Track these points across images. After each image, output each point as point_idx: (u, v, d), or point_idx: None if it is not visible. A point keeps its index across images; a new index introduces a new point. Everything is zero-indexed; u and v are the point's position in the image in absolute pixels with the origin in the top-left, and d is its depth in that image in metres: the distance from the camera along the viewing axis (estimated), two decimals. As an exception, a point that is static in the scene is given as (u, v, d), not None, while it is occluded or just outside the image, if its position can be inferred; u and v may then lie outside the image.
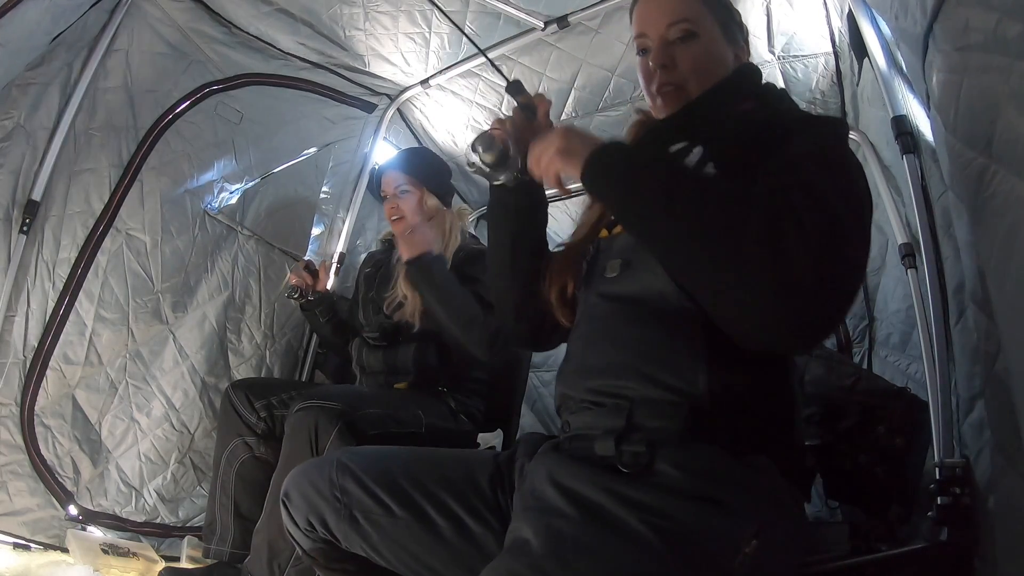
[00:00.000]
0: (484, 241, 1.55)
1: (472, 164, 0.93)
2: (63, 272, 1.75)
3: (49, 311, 1.73)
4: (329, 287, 2.16)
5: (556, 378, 0.92)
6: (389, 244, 1.94)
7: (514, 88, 0.95)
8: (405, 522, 0.88)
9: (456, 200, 2.16)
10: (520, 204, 0.97)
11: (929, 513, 1.06)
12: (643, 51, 0.94)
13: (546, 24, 1.97)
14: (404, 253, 1.58)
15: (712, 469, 0.71)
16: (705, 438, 0.73)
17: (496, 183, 0.95)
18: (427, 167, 1.88)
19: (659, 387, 0.76)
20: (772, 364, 0.79)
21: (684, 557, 0.64)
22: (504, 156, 0.89)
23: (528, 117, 0.92)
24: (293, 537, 0.98)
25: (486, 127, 0.94)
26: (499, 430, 1.88)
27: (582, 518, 0.68)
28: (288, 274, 1.97)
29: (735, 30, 0.96)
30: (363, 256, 2.26)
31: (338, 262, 2.40)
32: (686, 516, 0.67)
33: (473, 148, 0.90)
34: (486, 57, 1.29)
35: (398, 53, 2.22)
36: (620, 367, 0.80)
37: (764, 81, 0.96)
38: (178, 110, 1.97)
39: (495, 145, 0.88)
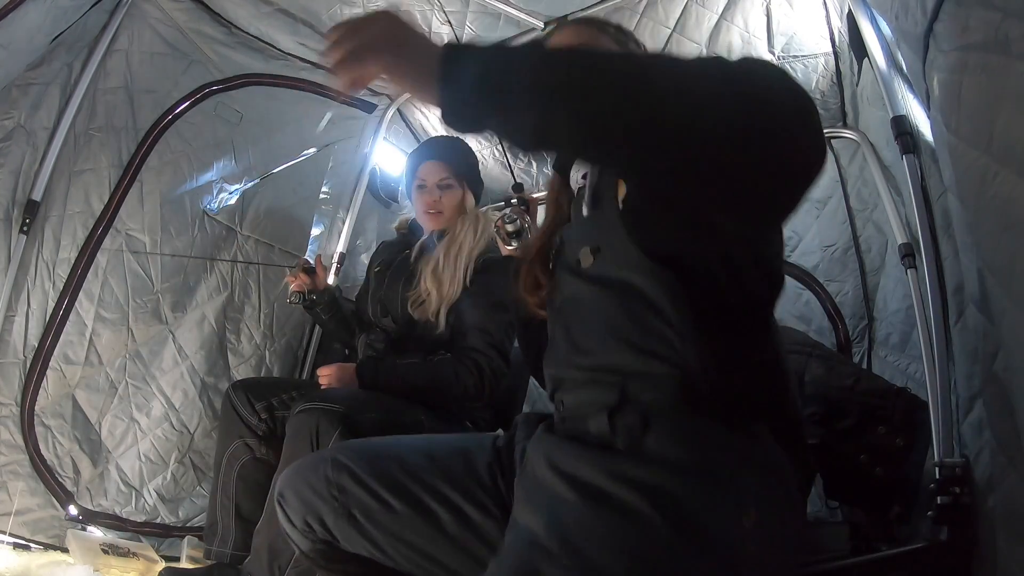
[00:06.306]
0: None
1: (496, 226, 1.24)
2: (63, 272, 1.75)
3: (49, 311, 1.73)
4: (330, 283, 2.15)
5: (545, 363, 0.92)
6: (404, 236, 1.90)
7: (517, 187, 1.33)
8: (406, 517, 0.88)
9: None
10: None
11: (929, 513, 1.05)
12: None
13: (546, 24, 1.97)
14: (337, 384, 1.59)
15: (707, 440, 0.70)
16: (699, 409, 0.72)
17: (508, 248, 1.23)
18: (471, 163, 1.81)
19: (651, 358, 0.75)
20: (758, 330, 0.79)
21: (688, 534, 0.63)
22: (519, 231, 1.21)
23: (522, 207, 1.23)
24: (291, 538, 0.97)
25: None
26: (500, 431, 1.88)
27: (584, 503, 0.67)
28: (286, 279, 1.91)
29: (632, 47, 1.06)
30: (370, 252, 2.21)
31: (338, 262, 2.40)
32: (685, 492, 0.66)
33: (502, 216, 1.22)
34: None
35: (398, 53, 2.22)
36: (612, 342, 0.79)
37: None
38: (178, 110, 1.97)
39: (518, 223, 1.21)
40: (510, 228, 1.21)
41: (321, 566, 0.98)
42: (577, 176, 1.02)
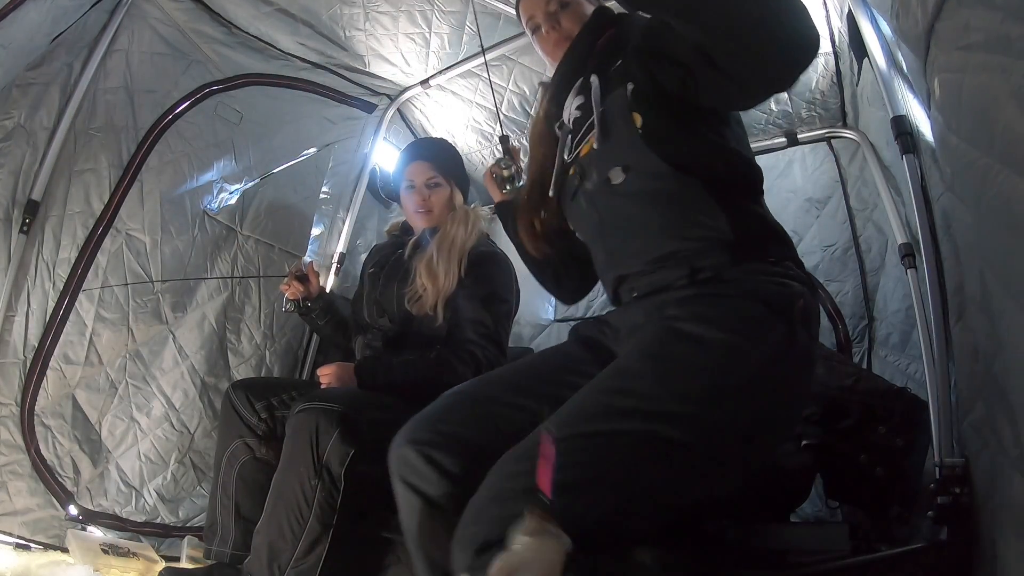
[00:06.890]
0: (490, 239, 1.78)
1: (491, 172, 1.40)
2: (63, 272, 1.75)
3: (49, 311, 1.73)
4: (329, 288, 2.14)
5: (601, 274, 1.15)
6: (396, 237, 1.91)
7: (504, 140, 1.43)
8: (542, 414, 0.92)
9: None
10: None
11: (929, 513, 1.06)
12: (536, 28, 1.25)
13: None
14: (337, 384, 1.59)
15: (764, 268, 0.98)
16: (749, 257, 0.98)
17: (504, 191, 1.38)
18: (457, 162, 1.87)
19: (699, 240, 0.99)
20: (755, 203, 1.07)
21: (766, 304, 0.91)
22: (512, 176, 1.37)
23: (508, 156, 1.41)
24: (416, 488, 0.94)
25: (486, 127, 1.17)
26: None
27: (683, 299, 0.96)
28: (280, 287, 1.89)
29: None
30: (365, 254, 2.22)
31: (338, 262, 2.40)
32: (760, 286, 0.94)
33: (498, 162, 1.39)
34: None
35: (398, 53, 2.22)
36: (665, 234, 1.02)
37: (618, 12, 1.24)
38: (178, 110, 1.97)
39: (512, 168, 1.37)
40: (505, 173, 1.36)
41: (448, 519, 0.89)
42: (571, 108, 1.18)
